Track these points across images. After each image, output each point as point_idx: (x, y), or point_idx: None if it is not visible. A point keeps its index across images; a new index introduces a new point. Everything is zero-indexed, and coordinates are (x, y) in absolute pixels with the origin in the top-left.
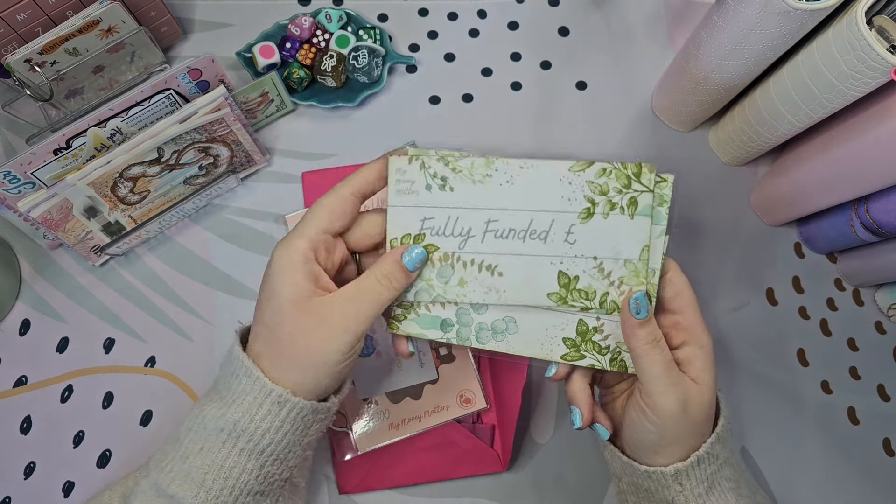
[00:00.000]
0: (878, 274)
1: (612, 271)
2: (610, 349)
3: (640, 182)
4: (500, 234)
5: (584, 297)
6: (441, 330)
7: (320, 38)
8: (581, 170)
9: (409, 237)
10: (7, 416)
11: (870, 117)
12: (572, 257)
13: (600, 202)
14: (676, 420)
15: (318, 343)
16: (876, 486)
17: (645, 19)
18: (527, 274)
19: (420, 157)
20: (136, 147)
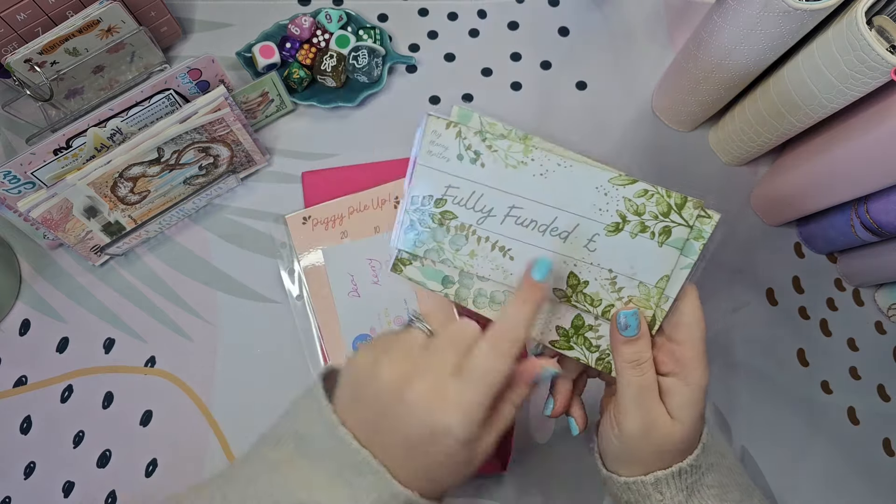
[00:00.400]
0: (878, 274)
1: (623, 288)
2: (600, 349)
3: (680, 214)
4: (520, 221)
5: (588, 302)
6: (441, 284)
7: (320, 38)
8: (622, 184)
9: (431, 199)
10: (7, 416)
11: (870, 117)
12: (588, 263)
13: (632, 221)
14: (637, 443)
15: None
16: (876, 486)
17: (645, 19)
18: None
19: (458, 125)
20: (136, 147)
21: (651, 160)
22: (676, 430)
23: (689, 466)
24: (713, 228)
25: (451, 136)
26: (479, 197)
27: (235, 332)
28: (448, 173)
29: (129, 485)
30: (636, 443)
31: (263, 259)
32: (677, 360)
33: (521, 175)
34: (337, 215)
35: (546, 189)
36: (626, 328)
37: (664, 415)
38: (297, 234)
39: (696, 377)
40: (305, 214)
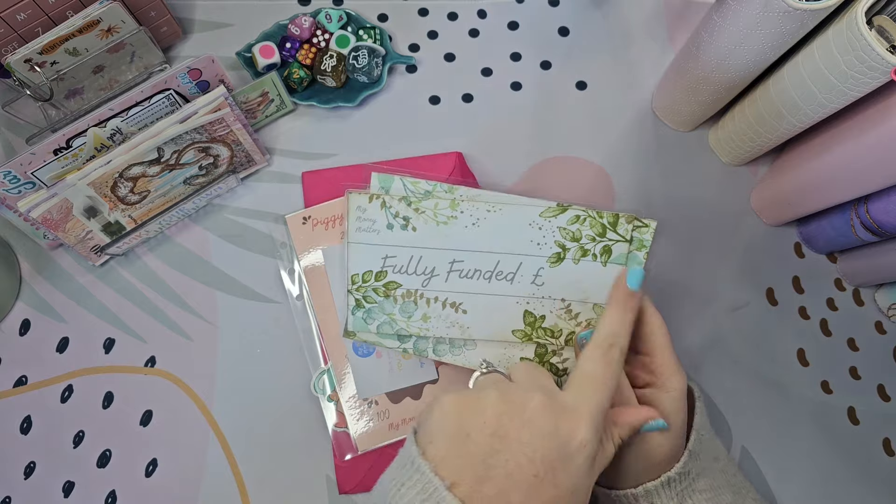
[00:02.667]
0: (879, 274)
1: (579, 313)
2: (567, 371)
3: (615, 231)
4: (464, 273)
5: (549, 335)
6: (399, 340)
7: (320, 38)
8: (553, 216)
9: (371, 273)
10: (7, 416)
11: (870, 117)
12: (539, 298)
13: (571, 248)
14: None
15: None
16: (875, 486)
17: (645, 19)
18: (492, 312)
19: (381, 196)
20: (136, 147)
21: (651, 160)
22: (665, 441)
23: (676, 475)
24: (652, 235)
25: (376, 208)
26: (418, 260)
27: (235, 332)
28: (381, 244)
29: (129, 485)
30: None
31: (263, 259)
32: (651, 370)
33: (453, 229)
34: (337, 215)
35: (481, 237)
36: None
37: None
38: (297, 234)
39: (673, 383)
40: (305, 214)
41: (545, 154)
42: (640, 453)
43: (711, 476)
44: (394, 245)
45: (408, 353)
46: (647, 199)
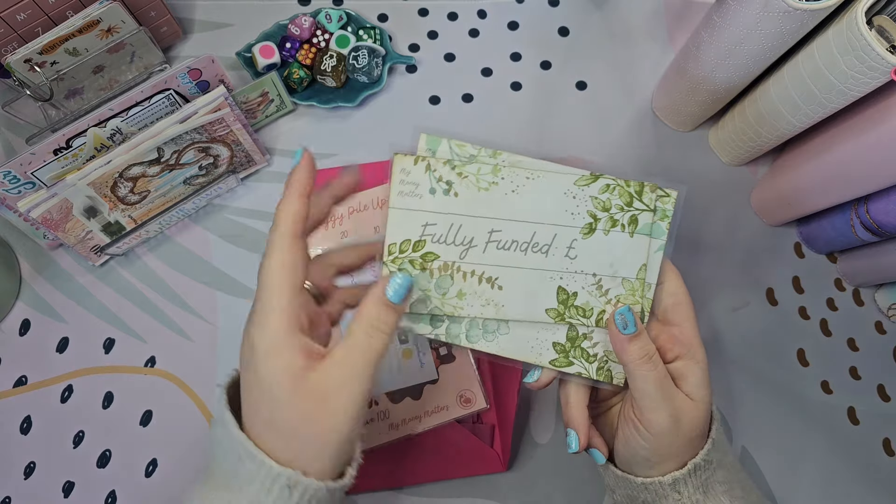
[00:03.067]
0: (878, 274)
1: (609, 289)
2: (597, 357)
3: (641, 200)
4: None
5: (581, 314)
6: (430, 325)
7: (320, 38)
8: (586, 184)
9: (409, 243)
10: (7, 416)
11: (870, 117)
12: (572, 273)
13: (602, 218)
14: (669, 437)
15: (325, 424)
16: (876, 486)
17: (645, 19)
18: (527, 288)
19: (427, 159)
20: (136, 147)
21: (651, 160)
22: (700, 411)
23: (702, 461)
24: (673, 205)
25: (420, 171)
26: (457, 229)
27: (235, 332)
28: (423, 210)
29: (129, 485)
30: (668, 438)
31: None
32: (680, 341)
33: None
34: (337, 215)
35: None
36: (625, 326)
37: (686, 399)
38: None
39: (702, 354)
40: None
41: (545, 154)
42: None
43: (728, 470)
44: (435, 212)
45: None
46: None
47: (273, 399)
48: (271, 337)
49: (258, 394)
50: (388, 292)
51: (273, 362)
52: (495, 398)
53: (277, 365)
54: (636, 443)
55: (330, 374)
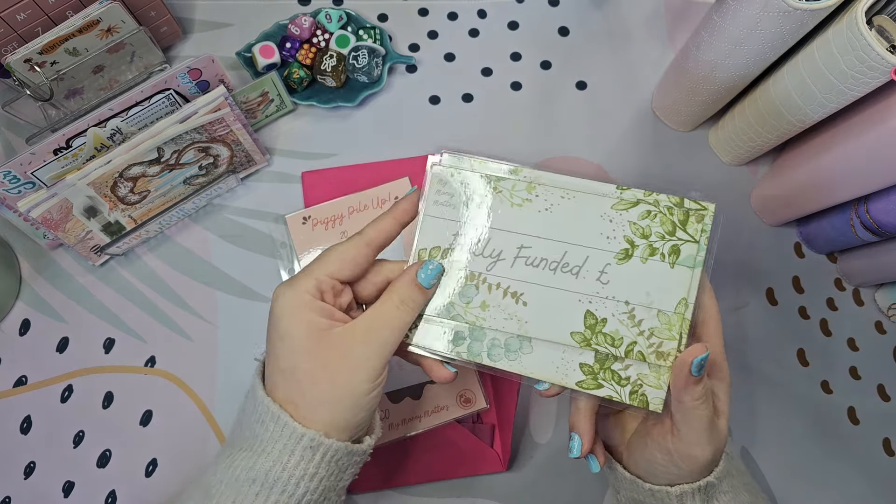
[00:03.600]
0: (878, 274)
1: (643, 320)
2: (630, 381)
3: (685, 230)
4: (530, 261)
5: (609, 343)
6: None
7: (320, 37)
8: (625, 209)
9: (439, 250)
10: (7, 416)
11: (870, 117)
12: (603, 298)
13: (640, 245)
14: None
15: (343, 376)
16: (876, 486)
17: (645, 19)
18: (552, 307)
19: (462, 172)
20: (135, 147)
21: (651, 160)
22: (726, 428)
23: (715, 480)
24: (712, 219)
25: (456, 183)
26: (486, 241)
27: (235, 332)
28: (455, 220)
29: (130, 485)
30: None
31: (263, 259)
32: (711, 360)
33: (526, 212)
34: (337, 215)
35: (553, 224)
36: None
37: (724, 426)
38: (297, 234)
39: (726, 370)
40: (305, 214)
41: (545, 154)
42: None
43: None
44: (466, 223)
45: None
46: None
47: (294, 349)
48: (298, 295)
49: (280, 347)
50: (419, 275)
51: (298, 316)
52: (495, 398)
53: (302, 319)
54: (665, 468)
55: (355, 331)
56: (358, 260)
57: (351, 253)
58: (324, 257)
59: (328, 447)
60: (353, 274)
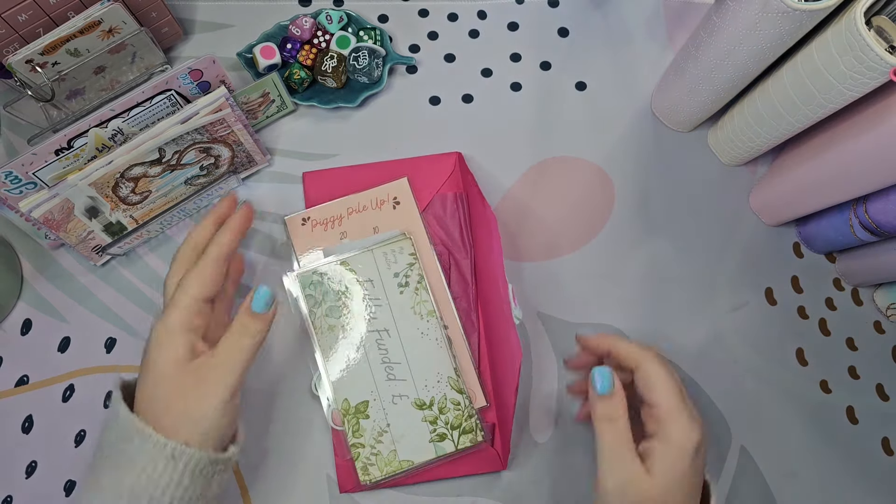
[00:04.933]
0: (877, 274)
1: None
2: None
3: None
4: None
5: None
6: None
7: (321, 38)
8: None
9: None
10: (9, 415)
11: (869, 117)
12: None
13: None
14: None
15: (196, 400)
16: (875, 486)
17: (644, 20)
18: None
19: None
20: (137, 147)
21: (650, 160)
22: (654, 488)
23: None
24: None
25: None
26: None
27: None
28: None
29: None
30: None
31: (264, 259)
32: (656, 419)
33: (411, 319)
34: (336, 216)
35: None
36: (600, 386)
37: (641, 472)
38: (297, 235)
39: (676, 434)
40: (305, 216)
41: (545, 154)
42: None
43: None
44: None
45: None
46: (646, 200)
47: (158, 375)
48: (168, 329)
49: (146, 374)
50: (253, 305)
51: (165, 348)
52: (495, 396)
53: (168, 350)
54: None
55: (206, 363)
56: (213, 277)
57: (205, 273)
58: (183, 285)
59: (191, 455)
60: (213, 290)
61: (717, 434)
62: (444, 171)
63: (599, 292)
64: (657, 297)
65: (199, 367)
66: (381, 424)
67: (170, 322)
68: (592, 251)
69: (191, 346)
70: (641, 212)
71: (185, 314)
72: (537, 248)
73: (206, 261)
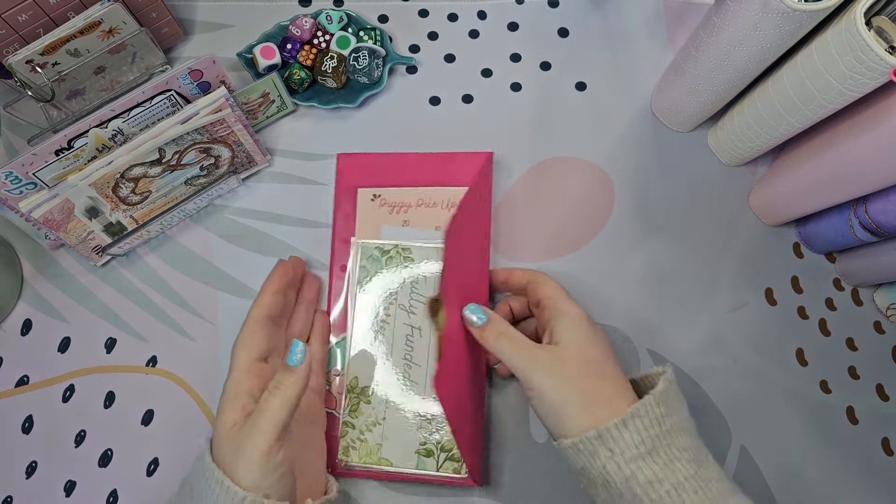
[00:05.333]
0: (877, 274)
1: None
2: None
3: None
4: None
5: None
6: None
7: (321, 39)
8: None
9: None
10: (9, 415)
11: (869, 118)
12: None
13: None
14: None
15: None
16: (875, 486)
17: (644, 20)
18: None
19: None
20: (137, 148)
21: (650, 161)
22: (570, 351)
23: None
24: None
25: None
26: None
27: (236, 332)
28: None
29: (131, 484)
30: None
31: (264, 259)
32: (549, 308)
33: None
34: (405, 203)
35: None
36: (477, 318)
37: (553, 350)
38: (363, 208)
39: (566, 306)
40: (376, 192)
41: (545, 154)
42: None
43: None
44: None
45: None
46: (646, 200)
47: (219, 439)
48: (223, 397)
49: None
50: (288, 359)
51: (219, 416)
52: (457, 428)
53: (224, 416)
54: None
55: (248, 425)
56: (258, 337)
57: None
58: (233, 350)
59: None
60: (261, 349)
61: (717, 434)
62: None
63: (599, 292)
64: (657, 298)
65: (245, 429)
66: (379, 415)
67: (227, 387)
68: (592, 251)
69: (243, 409)
70: (641, 212)
71: (237, 377)
72: (537, 248)
73: (247, 323)
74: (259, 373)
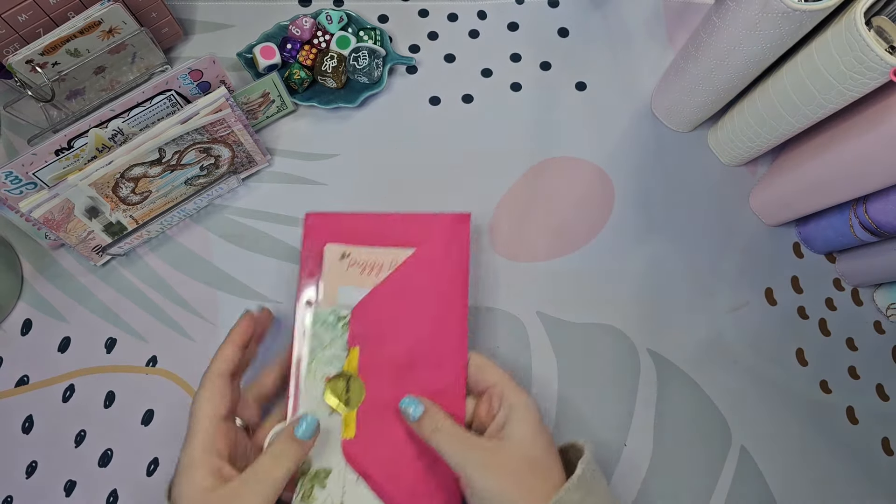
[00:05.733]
0: (877, 274)
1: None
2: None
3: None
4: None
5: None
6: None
7: (321, 38)
8: None
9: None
10: (9, 415)
11: (868, 118)
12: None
13: None
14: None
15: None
16: (875, 486)
17: (645, 20)
18: None
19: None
20: (137, 148)
21: (650, 161)
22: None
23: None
24: None
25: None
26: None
27: None
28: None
29: (131, 484)
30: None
31: (264, 259)
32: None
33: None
34: (378, 264)
35: None
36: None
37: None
38: (330, 266)
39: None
40: (346, 251)
41: (545, 154)
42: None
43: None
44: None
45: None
46: (646, 200)
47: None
48: (189, 456)
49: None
50: (297, 431)
51: (188, 477)
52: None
53: (191, 480)
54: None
55: (234, 491)
56: (220, 393)
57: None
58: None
59: None
60: (227, 405)
61: (717, 434)
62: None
63: (599, 292)
64: (657, 297)
65: (225, 496)
66: (335, 500)
67: (190, 449)
68: (592, 251)
69: (216, 473)
70: (641, 212)
71: (206, 438)
72: (537, 248)
73: (210, 378)
74: (226, 432)
